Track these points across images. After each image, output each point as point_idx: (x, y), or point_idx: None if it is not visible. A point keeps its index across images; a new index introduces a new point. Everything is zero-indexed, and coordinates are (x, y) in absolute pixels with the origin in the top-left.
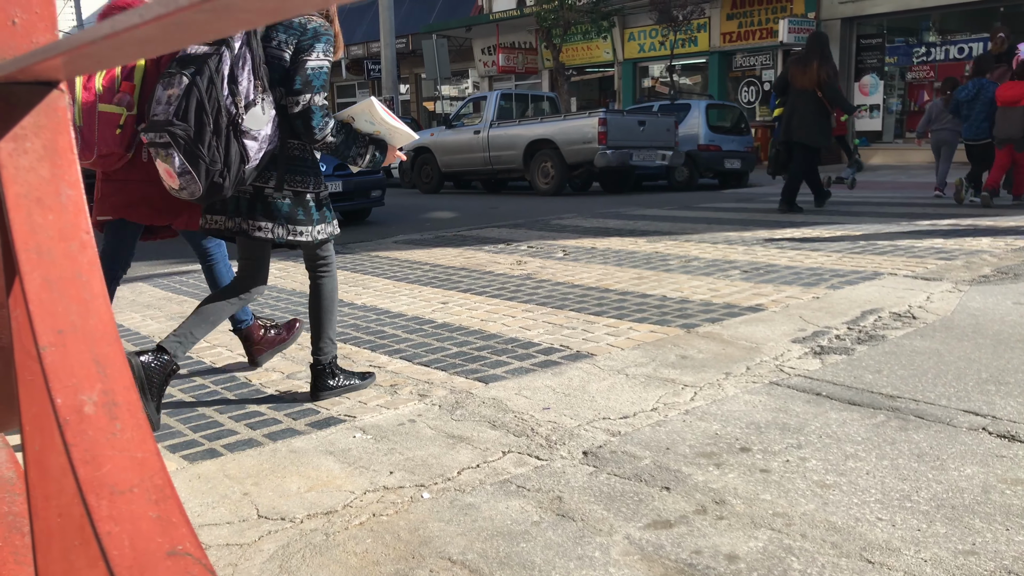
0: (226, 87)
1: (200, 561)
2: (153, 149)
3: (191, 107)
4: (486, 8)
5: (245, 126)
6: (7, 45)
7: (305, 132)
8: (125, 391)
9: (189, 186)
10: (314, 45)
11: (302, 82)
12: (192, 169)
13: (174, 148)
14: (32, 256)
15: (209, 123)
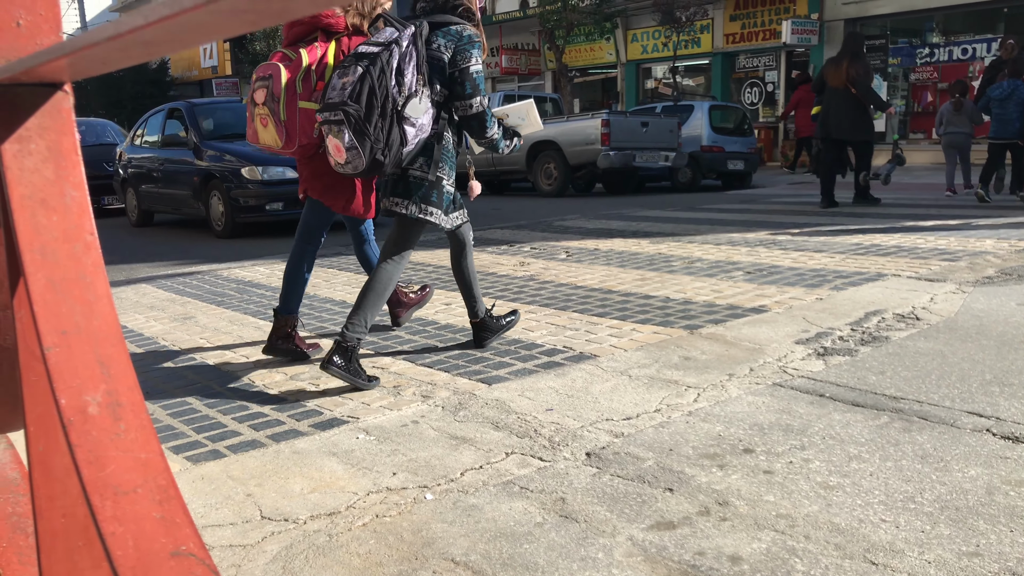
0: (393, 78)
1: (204, 562)
2: (327, 126)
3: (363, 92)
4: (489, 9)
5: (406, 113)
6: (12, 47)
7: (479, 131)
8: (129, 392)
9: (354, 160)
10: (471, 51)
11: (471, 87)
12: (358, 145)
13: (345, 126)
14: (36, 257)
15: (377, 107)
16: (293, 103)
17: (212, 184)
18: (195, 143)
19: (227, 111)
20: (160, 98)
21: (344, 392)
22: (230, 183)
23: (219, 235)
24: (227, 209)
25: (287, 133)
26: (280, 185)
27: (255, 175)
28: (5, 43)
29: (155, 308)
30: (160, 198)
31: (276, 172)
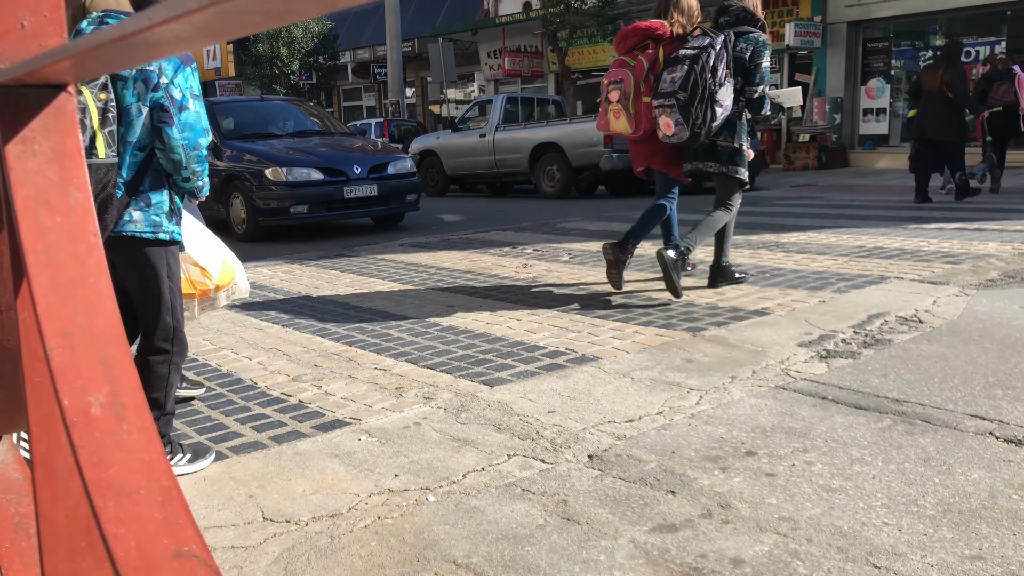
0: (709, 72)
1: (206, 563)
2: (660, 109)
3: (688, 82)
4: (492, 12)
5: (718, 98)
6: (16, 48)
7: (757, 108)
8: (132, 393)
9: (679, 134)
10: (764, 52)
11: (759, 78)
12: (684, 122)
13: (676, 108)
14: (40, 258)
15: (698, 94)
16: (639, 99)
17: (233, 185)
18: (215, 143)
19: (247, 110)
20: None
21: (346, 394)
22: (252, 184)
23: (240, 238)
24: (249, 211)
25: (635, 122)
26: (305, 187)
27: (279, 176)
28: (9, 44)
29: None
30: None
31: (301, 174)
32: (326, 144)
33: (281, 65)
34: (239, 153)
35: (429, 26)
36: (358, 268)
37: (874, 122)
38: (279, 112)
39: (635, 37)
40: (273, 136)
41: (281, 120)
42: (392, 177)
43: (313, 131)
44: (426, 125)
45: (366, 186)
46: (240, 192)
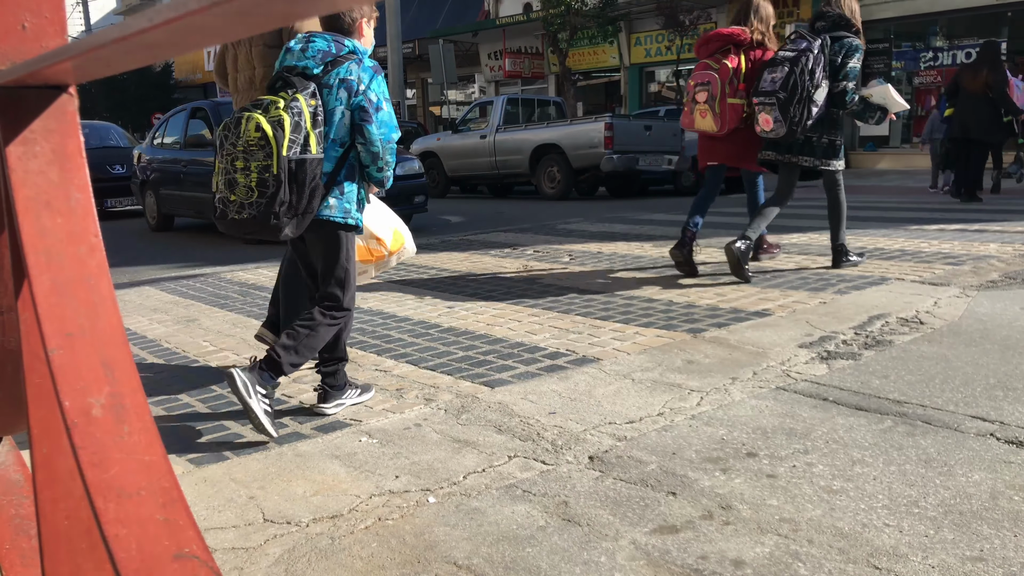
0: (807, 74)
1: (207, 564)
2: (760, 107)
3: (788, 83)
4: (492, 13)
5: (814, 98)
6: (17, 49)
7: (840, 102)
8: (133, 394)
9: (777, 130)
10: (855, 54)
11: (843, 75)
12: (782, 119)
13: (776, 106)
14: (41, 259)
15: (797, 93)
16: (724, 100)
17: None
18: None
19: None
20: (164, 101)
21: None
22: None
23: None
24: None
25: (720, 121)
26: None
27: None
28: (10, 45)
29: (159, 311)
30: (183, 201)
31: None
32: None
33: None
34: None
35: (430, 27)
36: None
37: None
38: None
39: (717, 42)
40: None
41: None
42: (399, 178)
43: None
44: (427, 126)
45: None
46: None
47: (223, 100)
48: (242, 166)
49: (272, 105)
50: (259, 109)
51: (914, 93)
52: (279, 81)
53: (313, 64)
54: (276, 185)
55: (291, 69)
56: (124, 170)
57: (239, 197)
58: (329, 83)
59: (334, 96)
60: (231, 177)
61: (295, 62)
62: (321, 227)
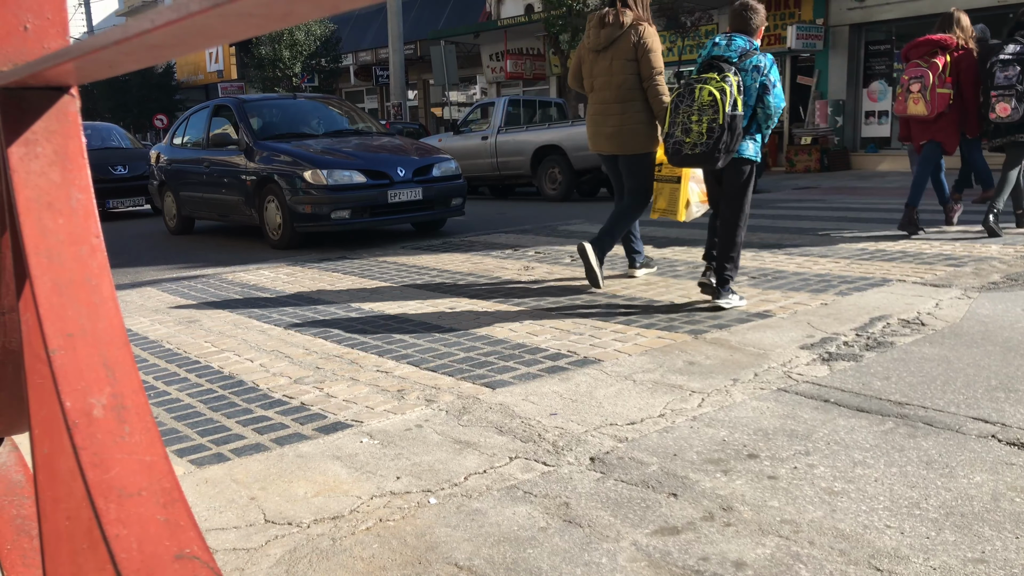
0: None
1: (207, 564)
2: (998, 97)
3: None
4: (494, 14)
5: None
6: (19, 50)
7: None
8: (134, 394)
9: (1013, 116)
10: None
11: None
12: (1019, 107)
13: (1014, 96)
14: (42, 260)
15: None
16: (934, 90)
17: (268, 189)
18: (247, 143)
19: (279, 108)
20: (166, 102)
21: (348, 396)
22: (289, 188)
23: (275, 245)
24: (285, 217)
25: (931, 107)
26: (346, 191)
27: (319, 179)
28: (12, 47)
29: (160, 311)
30: (204, 204)
31: (343, 176)
32: (366, 145)
33: (283, 67)
34: (274, 154)
35: (431, 28)
36: (360, 270)
37: (876, 125)
38: (313, 110)
39: (926, 46)
40: (308, 136)
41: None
42: (437, 180)
43: (350, 130)
44: (428, 128)
45: (411, 190)
46: (275, 196)
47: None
48: (696, 119)
49: (713, 80)
50: (704, 83)
51: None
52: (710, 65)
53: (733, 55)
54: (720, 132)
55: (719, 58)
56: (126, 171)
57: (692, 140)
58: (745, 67)
59: (748, 76)
60: (687, 127)
61: (721, 53)
62: (741, 164)
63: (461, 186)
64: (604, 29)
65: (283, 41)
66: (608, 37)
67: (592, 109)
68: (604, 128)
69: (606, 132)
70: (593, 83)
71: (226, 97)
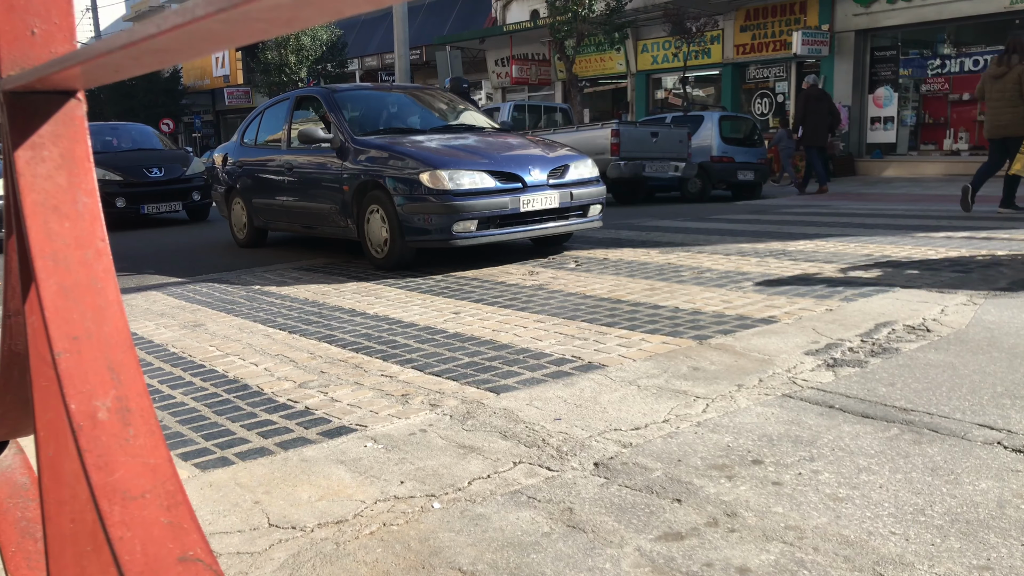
0: None
1: (211, 567)
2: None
3: None
4: (500, 20)
5: None
6: (26, 55)
7: None
8: (138, 397)
9: None
10: None
11: None
12: None
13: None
14: (48, 263)
15: None
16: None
17: (371, 196)
18: (343, 141)
19: (375, 100)
20: (172, 107)
21: (352, 400)
22: (401, 194)
23: (380, 264)
24: (394, 230)
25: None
26: (474, 197)
27: (440, 183)
28: (20, 51)
29: (165, 315)
30: (285, 213)
31: (469, 179)
32: (487, 141)
33: (289, 72)
34: (378, 153)
35: (437, 34)
36: (364, 274)
37: (882, 131)
38: (413, 102)
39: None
40: (412, 132)
41: (417, 112)
42: (574, 183)
43: (459, 125)
44: None
45: (545, 195)
46: (381, 205)
47: (339, 87)
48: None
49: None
50: None
51: (921, 101)
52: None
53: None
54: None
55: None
56: (161, 173)
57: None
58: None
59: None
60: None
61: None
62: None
63: (601, 191)
64: (999, 67)
65: (289, 46)
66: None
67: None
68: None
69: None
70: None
71: (312, 88)
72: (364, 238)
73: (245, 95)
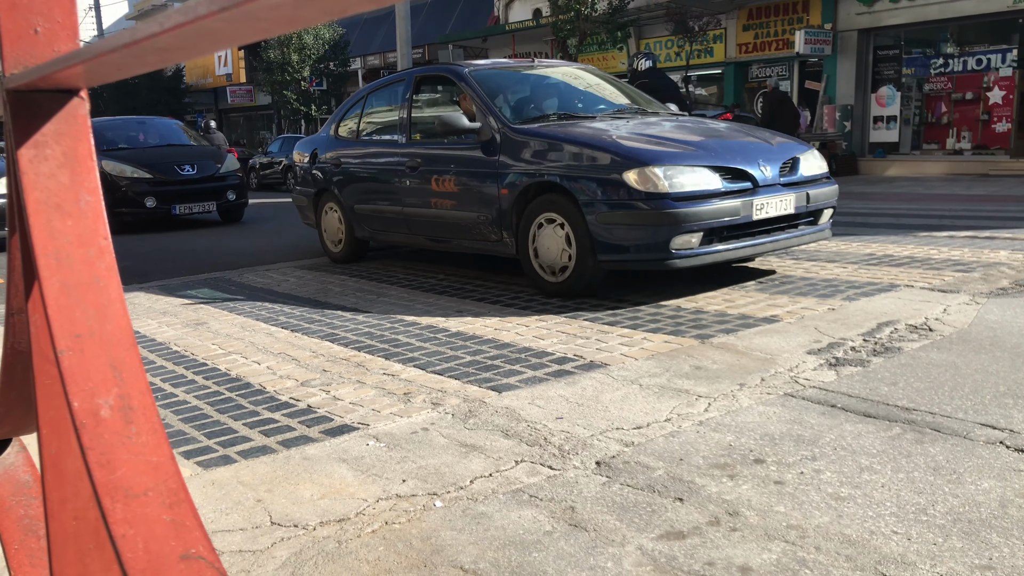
0: None
1: (213, 565)
2: None
3: None
4: (502, 18)
5: None
6: (29, 53)
7: None
8: (140, 395)
9: None
10: None
11: None
12: None
13: None
14: (51, 261)
15: None
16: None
17: (543, 202)
18: (495, 131)
19: (521, 80)
20: (175, 106)
21: (354, 399)
22: (592, 199)
23: (554, 290)
24: (583, 246)
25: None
26: (698, 201)
27: (652, 183)
28: (23, 50)
29: (168, 313)
30: (404, 222)
31: (691, 179)
32: (688, 127)
33: (292, 71)
34: (553, 146)
35: (439, 33)
36: (367, 273)
37: (884, 130)
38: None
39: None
40: (583, 117)
41: (575, 93)
42: (807, 182)
43: (632, 109)
44: None
45: (781, 198)
46: (560, 213)
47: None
48: None
49: None
50: None
51: (924, 100)
52: None
53: None
54: None
55: None
56: (194, 171)
57: None
58: None
59: None
60: None
61: None
62: None
63: (834, 191)
64: None
65: (292, 45)
66: None
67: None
68: None
69: None
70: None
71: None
72: (529, 256)
73: (247, 94)
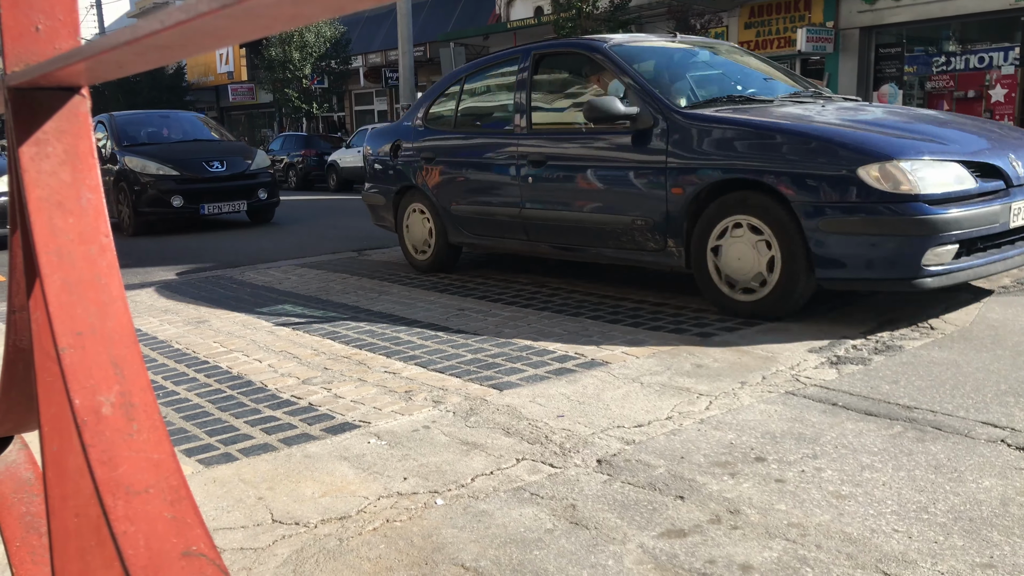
0: None
1: (214, 562)
2: None
3: None
4: (504, 16)
5: None
6: (30, 51)
7: None
8: (142, 392)
9: None
10: None
11: None
12: None
13: None
14: (52, 259)
15: None
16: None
17: (732, 201)
18: (656, 117)
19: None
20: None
21: (356, 397)
22: (812, 200)
23: (747, 311)
24: (793, 259)
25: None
26: (954, 204)
27: (899, 181)
28: (24, 47)
29: (169, 311)
30: (521, 226)
31: (944, 177)
32: (901, 115)
33: (293, 69)
34: (744, 134)
35: (441, 31)
36: (369, 272)
37: None
38: (721, 60)
39: None
40: (764, 101)
41: (740, 74)
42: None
43: (810, 92)
44: None
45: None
46: (762, 217)
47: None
48: None
49: None
50: None
51: (926, 98)
52: None
53: None
54: None
55: None
56: (223, 168)
57: None
58: None
59: None
60: None
61: None
62: None
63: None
64: None
65: (293, 43)
66: None
67: None
68: None
69: None
70: None
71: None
72: (708, 269)
73: (249, 91)
